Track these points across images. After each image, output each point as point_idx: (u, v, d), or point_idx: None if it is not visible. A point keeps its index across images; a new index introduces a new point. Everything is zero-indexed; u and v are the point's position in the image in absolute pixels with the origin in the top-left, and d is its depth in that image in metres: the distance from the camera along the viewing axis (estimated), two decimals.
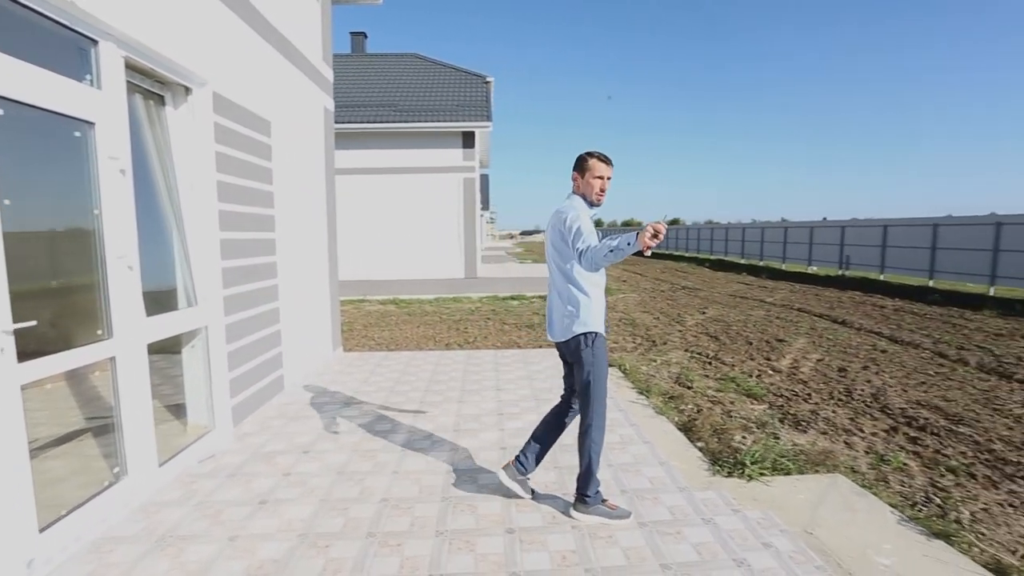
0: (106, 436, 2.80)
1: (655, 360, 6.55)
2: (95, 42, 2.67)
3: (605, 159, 2.68)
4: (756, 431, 4.15)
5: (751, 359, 6.73)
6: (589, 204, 2.71)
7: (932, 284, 14.54)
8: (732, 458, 3.46)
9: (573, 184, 2.76)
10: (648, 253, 2.23)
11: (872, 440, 4.15)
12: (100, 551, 2.42)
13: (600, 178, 2.67)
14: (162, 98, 3.40)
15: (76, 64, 2.61)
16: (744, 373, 6.02)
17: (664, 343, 7.66)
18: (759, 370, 6.18)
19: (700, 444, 3.83)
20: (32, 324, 2.20)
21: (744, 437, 3.97)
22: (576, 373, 2.73)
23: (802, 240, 20.98)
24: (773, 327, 8.90)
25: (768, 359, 6.72)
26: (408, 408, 4.46)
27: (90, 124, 2.62)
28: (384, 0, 7.71)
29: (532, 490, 2.94)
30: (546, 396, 4.73)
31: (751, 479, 3.20)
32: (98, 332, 2.67)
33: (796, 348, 7.35)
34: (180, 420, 3.62)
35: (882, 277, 16.36)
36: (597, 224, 2.85)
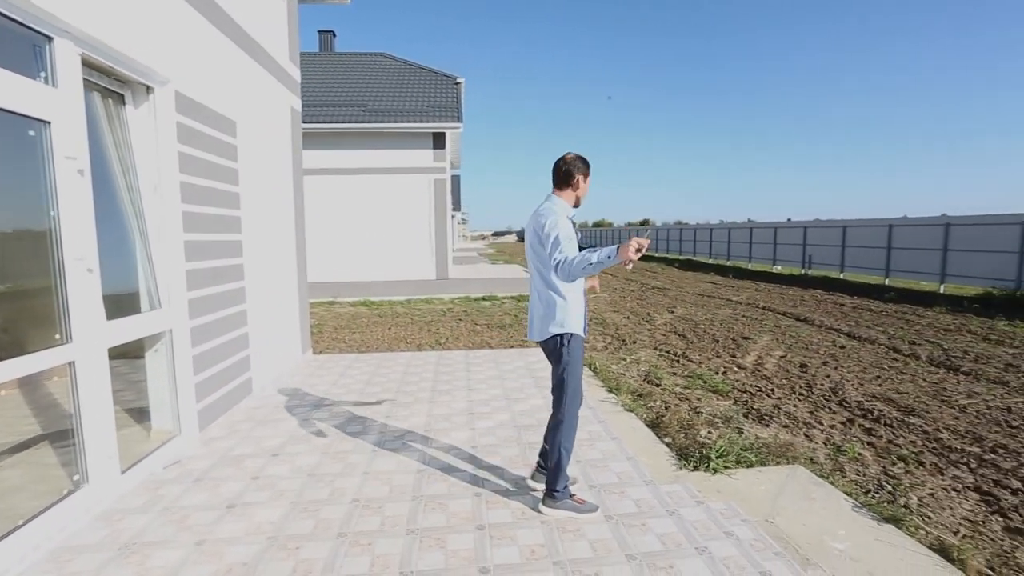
0: (65, 443, 2.73)
1: (625, 359, 6.66)
2: (50, 39, 2.60)
3: None
4: (721, 426, 4.28)
5: (717, 356, 6.91)
6: (573, 206, 2.79)
7: (888, 282, 15.15)
8: (698, 452, 3.55)
9: (573, 185, 2.76)
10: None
11: (830, 432, 4.32)
12: (59, 560, 2.36)
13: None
14: (122, 97, 3.32)
15: (30, 61, 2.54)
16: (711, 370, 6.18)
17: (634, 342, 7.79)
18: (725, 367, 6.35)
19: (667, 440, 3.93)
20: None
21: (710, 432, 4.09)
22: (552, 370, 2.81)
23: (767, 240, 21.56)
24: (739, 325, 9.15)
25: (734, 356, 6.92)
26: (379, 409, 4.44)
27: (45, 123, 2.56)
28: (352, 0, 7.66)
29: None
30: (517, 395, 4.78)
31: (716, 472, 3.30)
32: (56, 336, 2.60)
33: (760, 345, 7.58)
34: (144, 425, 3.54)
35: (842, 276, 16.96)
36: (582, 226, 2.93)
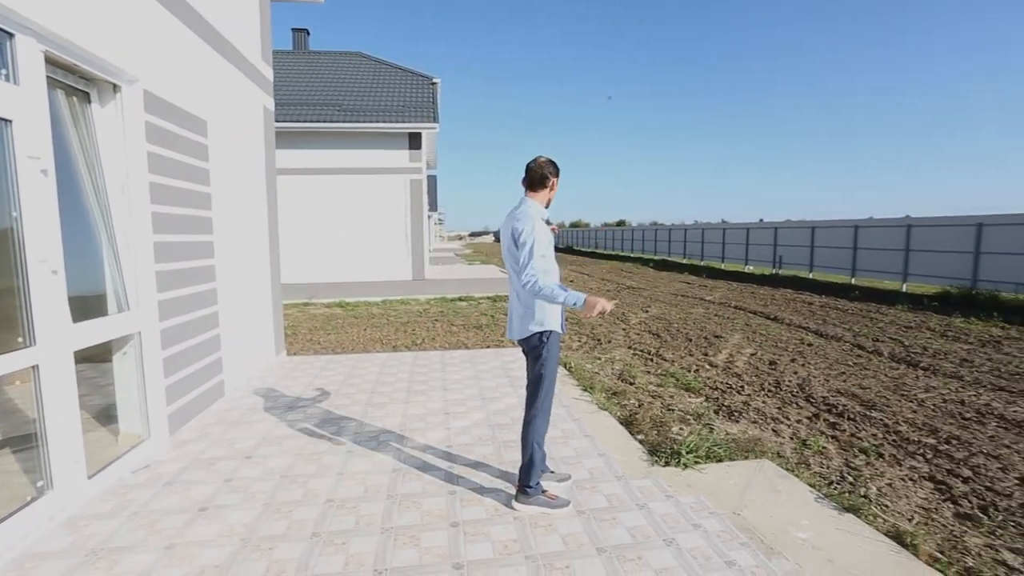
0: (29, 448, 2.67)
1: (599, 358, 6.75)
2: (11, 35, 2.54)
3: None
4: (693, 422, 4.38)
5: (690, 355, 7.05)
6: (545, 207, 2.87)
7: (854, 281, 15.63)
8: (670, 448, 3.63)
9: (548, 187, 2.83)
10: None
11: (796, 427, 4.46)
12: (23, 568, 2.31)
13: None
14: (88, 95, 3.26)
15: None
16: (683, 368, 6.30)
17: (608, 341, 7.89)
18: (697, 365, 6.49)
19: (640, 436, 4.01)
20: None
21: (681, 428, 4.18)
22: (528, 367, 2.87)
23: (739, 241, 22.03)
24: (711, 324, 9.34)
25: (706, 354, 7.07)
26: (354, 410, 4.43)
27: (7, 121, 2.50)
28: None
29: (568, 475, 3.15)
30: (492, 395, 4.81)
31: (686, 467, 3.39)
32: (19, 340, 2.55)
33: (732, 344, 7.75)
34: (112, 429, 3.47)
35: (811, 276, 17.43)
36: (560, 225, 3.01)
